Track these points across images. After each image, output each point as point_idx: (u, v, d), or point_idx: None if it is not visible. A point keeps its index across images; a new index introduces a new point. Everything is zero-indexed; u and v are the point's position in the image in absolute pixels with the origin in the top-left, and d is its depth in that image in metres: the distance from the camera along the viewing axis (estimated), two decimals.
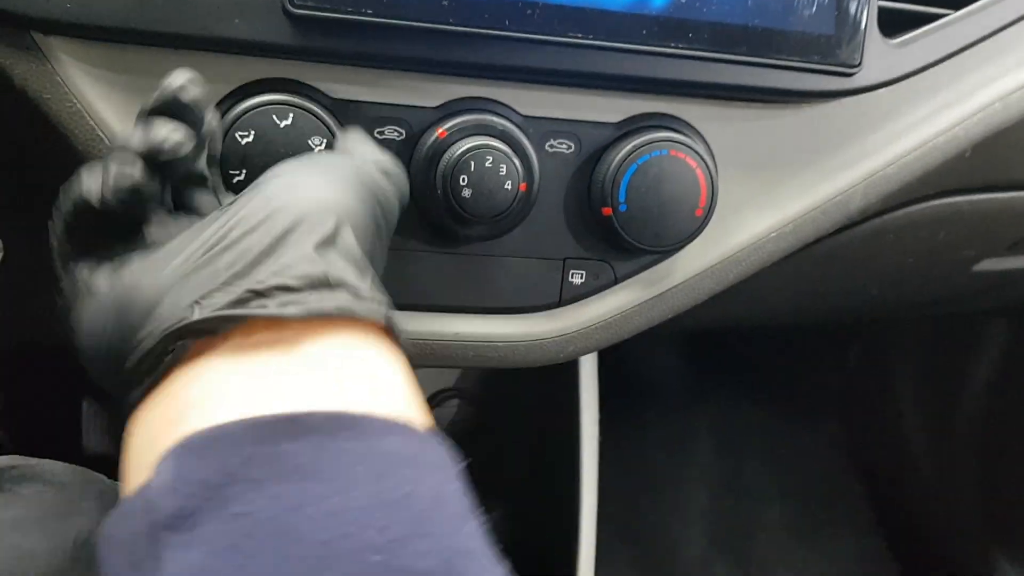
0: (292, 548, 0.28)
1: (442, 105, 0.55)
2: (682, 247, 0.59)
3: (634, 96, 0.57)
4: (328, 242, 0.37)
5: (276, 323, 0.35)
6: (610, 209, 0.56)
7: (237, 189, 0.51)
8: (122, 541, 0.31)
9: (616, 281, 0.61)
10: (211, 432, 0.31)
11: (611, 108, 0.57)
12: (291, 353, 0.34)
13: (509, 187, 0.53)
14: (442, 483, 0.33)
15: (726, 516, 1.39)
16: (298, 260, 0.36)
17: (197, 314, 0.34)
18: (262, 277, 0.35)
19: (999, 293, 0.97)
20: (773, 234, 0.61)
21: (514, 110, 0.56)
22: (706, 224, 0.58)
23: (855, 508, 1.44)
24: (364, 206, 0.42)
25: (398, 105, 0.54)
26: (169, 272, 0.37)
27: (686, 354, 1.47)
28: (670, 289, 0.62)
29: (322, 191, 0.40)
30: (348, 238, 0.39)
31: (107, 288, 0.39)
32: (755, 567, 1.35)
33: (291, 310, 0.34)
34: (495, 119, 0.54)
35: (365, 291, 0.37)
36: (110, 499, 0.44)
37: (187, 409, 0.33)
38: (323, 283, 0.36)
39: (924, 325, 1.35)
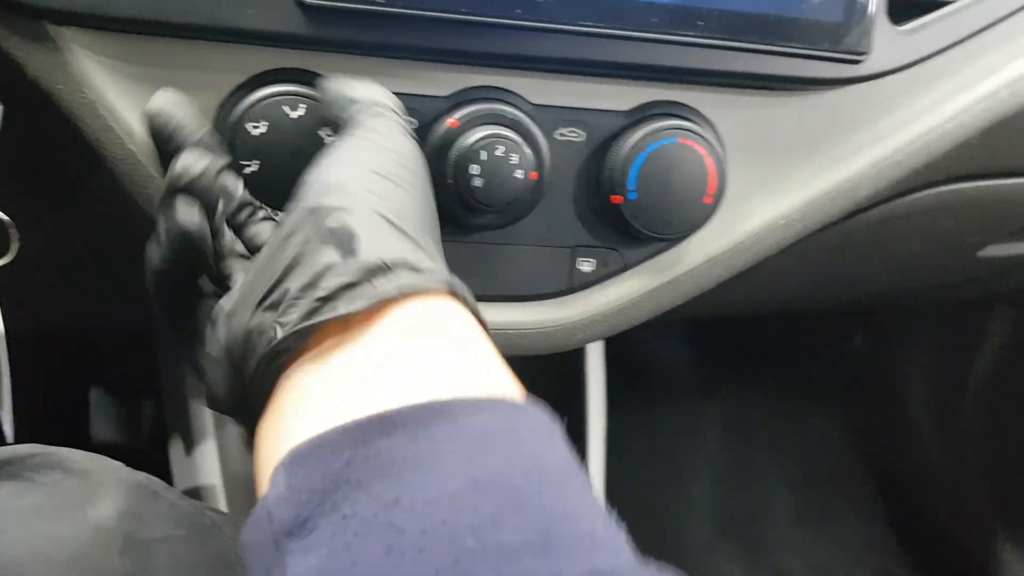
0: (395, 541, 0.29)
1: (453, 94, 0.55)
2: (691, 234, 0.59)
3: (644, 84, 0.57)
4: (374, 229, 0.39)
5: (347, 321, 0.36)
6: (620, 197, 0.57)
7: (250, 180, 0.52)
8: (255, 547, 0.33)
9: (625, 268, 0.61)
10: (312, 442, 0.32)
11: (621, 96, 0.57)
12: (367, 347, 0.36)
13: (520, 176, 0.54)
14: (537, 451, 0.33)
15: (733, 504, 1.39)
16: (349, 255, 0.38)
17: (279, 334, 0.37)
18: (327, 283, 0.37)
19: (1004, 279, 0.97)
20: (782, 221, 0.62)
21: (524, 99, 0.56)
22: (715, 211, 0.58)
23: (862, 496, 1.44)
24: (401, 176, 0.43)
25: (409, 95, 0.54)
26: (251, 301, 0.39)
27: (693, 343, 1.48)
28: (679, 276, 0.62)
29: (356, 182, 0.41)
30: (392, 219, 0.40)
31: (214, 342, 0.42)
32: (761, 555, 1.36)
33: (356, 304, 0.36)
34: (505, 108, 0.54)
35: (424, 263, 0.38)
36: (130, 486, 0.45)
37: (289, 421, 0.35)
38: (381, 269, 0.37)
39: (931, 313, 1.35)
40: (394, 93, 0.54)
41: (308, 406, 0.35)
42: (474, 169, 0.53)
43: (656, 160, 0.56)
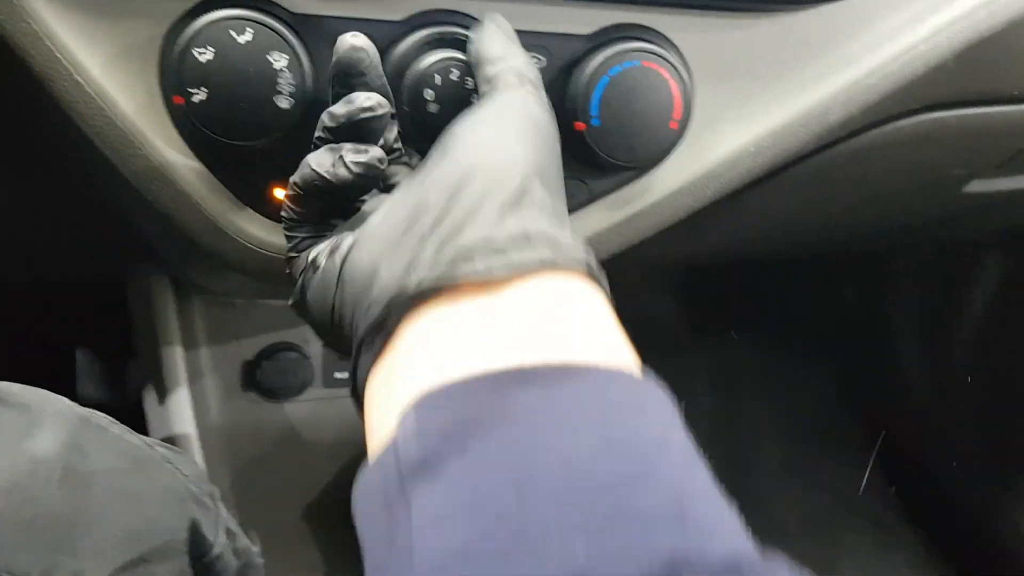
0: (527, 488, 0.29)
1: (408, 18, 0.53)
2: (658, 162, 0.58)
3: (606, 6, 0.56)
4: (520, 198, 0.40)
5: (482, 281, 0.37)
6: (583, 124, 0.55)
7: (199, 109, 0.50)
8: (375, 488, 0.33)
9: (591, 200, 0.60)
10: (445, 387, 0.33)
11: (582, 20, 0.56)
12: (502, 307, 0.36)
13: (476, 101, 0.52)
14: (665, 428, 0.33)
15: (722, 455, 1.38)
16: (495, 219, 0.38)
17: (414, 279, 0.37)
18: (465, 240, 0.37)
19: (991, 215, 0.96)
20: (752, 148, 0.60)
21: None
22: (682, 137, 0.56)
23: (853, 444, 1.43)
24: (544, 151, 0.44)
25: (362, 20, 0.53)
26: (380, 242, 0.40)
27: (681, 293, 1.47)
28: (647, 206, 0.60)
29: (507, 148, 0.42)
30: (538, 191, 0.41)
31: (329, 264, 0.44)
32: (752, 504, 1.35)
33: (497, 269, 0.36)
34: (461, 31, 0.53)
35: (564, 240, 0.39)
36: (71, 420, 0.44)
37: (416, 365, 0.36)
38: (522, 238, 0.38)
39: (920, 258, 1.34)
40: (346, 18, 0.53)
41: (434, 352, 0.36)
42: (428, 95, 0.52)
43: (619, 84, 0.54)
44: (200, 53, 0.50)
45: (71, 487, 0.41)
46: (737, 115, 0.59)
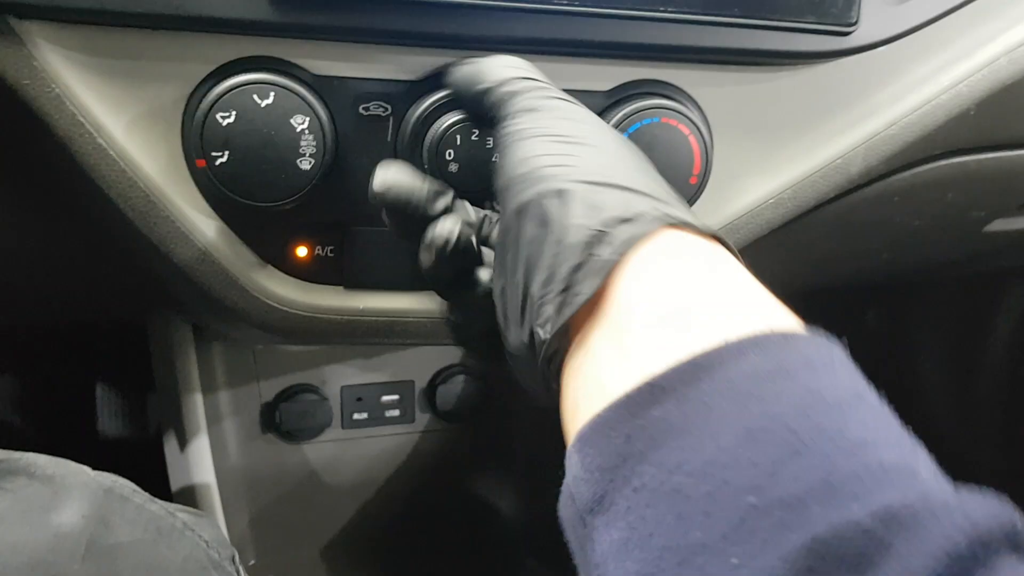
0: (683, 507, 0.30)
1: (424, 78, 0.54)
2: None
3: (624, 63, 0.56)
4: (583, 197, 0.39)
5: (592, 301, 0.38)
6: None
7: (222, 172, 0.51)
8: (568, 523, 0.35)
9: None
10: (593, 422, 0.34)
11: (601, 76, 0.56)
12: (615, 317, 0.37)
13: (496, 160, 0.52)
14: (810, 384, 0.32)
15: None
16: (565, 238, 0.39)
17: (543, 338, 0.39)
18: (561, 273, 0.38)
19: (1014, 253, 0.95)
20: (771, 200, 0.60)
21: None
22: (701, 192, 0.56)
23: None
24: (580, 139, 0.44)
25: (382, 80, 0.53)
26: (509, 312, 0.42)
27: None
28: None
29: (544, 160, 0.42)
30: (596, 179, 0.40)
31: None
32: None
33: (591, 285, 0.37)
34: None
35: (635, 207, 0.39)
36: (95, 491, 0.44)
37: (576, 403, 0.37)
38: (596, 237, 0.38)
39: (944, 288, 1.33)
40: (366, 79, 0.53)
41: (588, 389, 0.37)
42: (449, 154, 0.52)
43: (638, 141, 0.54)
44: (223, 116, 0.50)
45: (96, 562, 0.41)
46: (757, 168, 0.59)
